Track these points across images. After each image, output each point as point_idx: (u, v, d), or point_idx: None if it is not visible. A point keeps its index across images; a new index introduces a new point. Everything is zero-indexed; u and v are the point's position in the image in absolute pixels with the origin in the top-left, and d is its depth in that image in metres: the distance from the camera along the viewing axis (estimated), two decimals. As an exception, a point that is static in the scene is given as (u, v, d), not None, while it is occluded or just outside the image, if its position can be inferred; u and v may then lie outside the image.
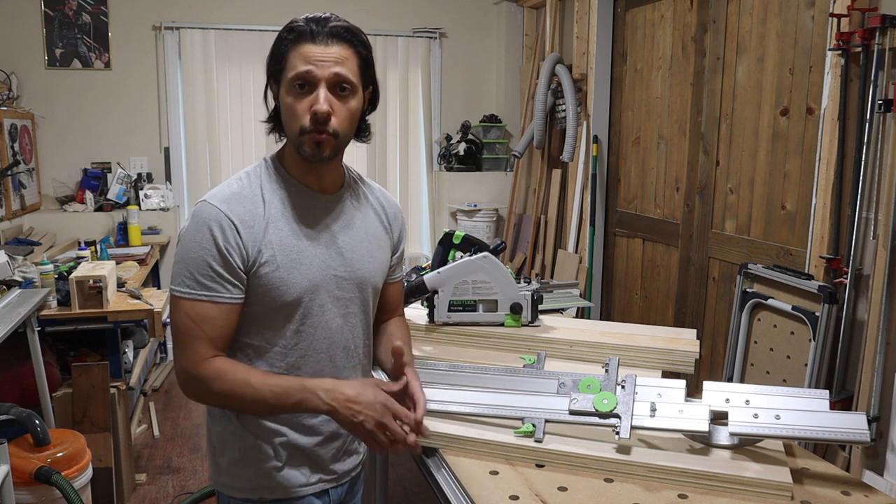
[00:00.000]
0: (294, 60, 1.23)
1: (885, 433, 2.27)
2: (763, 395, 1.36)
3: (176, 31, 4.71)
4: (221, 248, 1.23)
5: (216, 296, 1.24)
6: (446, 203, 5.16)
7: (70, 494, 2.27)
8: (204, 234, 1.24)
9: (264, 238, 1.26)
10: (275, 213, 1.28)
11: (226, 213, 1.25)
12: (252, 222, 1.26)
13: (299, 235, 1.30)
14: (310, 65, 1.22)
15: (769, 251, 2.94)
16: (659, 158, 3.74)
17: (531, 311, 1.98)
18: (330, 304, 1.34)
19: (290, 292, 1.28)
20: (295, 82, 1.23)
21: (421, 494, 3.11)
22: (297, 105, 1.24)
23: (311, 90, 1.23)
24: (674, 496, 1.24)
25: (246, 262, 1.25)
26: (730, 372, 2.93)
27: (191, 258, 1.24)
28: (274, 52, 1.28)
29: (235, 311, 1.27)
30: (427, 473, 1.42)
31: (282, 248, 1.27)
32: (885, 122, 2.31)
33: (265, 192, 1.30)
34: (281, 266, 1.27)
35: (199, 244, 1.24)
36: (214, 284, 1.24)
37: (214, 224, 1.24)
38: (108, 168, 4.70)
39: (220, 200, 1.26)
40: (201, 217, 1.25)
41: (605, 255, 4.28)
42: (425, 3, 5.18)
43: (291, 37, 1.24)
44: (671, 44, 3.61)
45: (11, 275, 2.92)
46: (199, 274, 1.24)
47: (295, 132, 1.26)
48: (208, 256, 1.23)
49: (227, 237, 1.23)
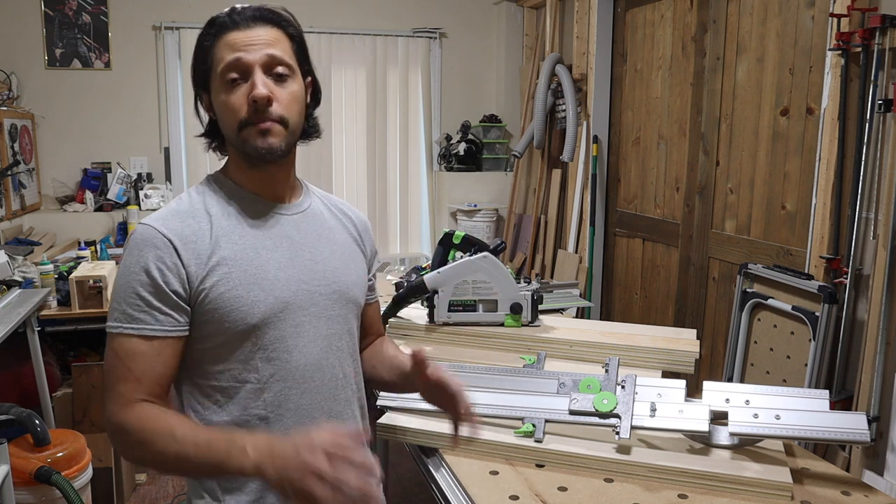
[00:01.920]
0: (220, 53, 1.11)
1: (885, 433, 2.27)
2: (763, 395, 1.36)
3: (176, 31, 4.71)
4: (153, 272, 1.07)
5: (145, 328, 1.07)
6: (446, 203, 5.16)
7: (70, 494, 2.27)
8: (133, 258, 1.08)
9: (214, 255, 1.10)
10: (225, 227, 1.12)
11: (160, 230, 1.09)
12: (194, 238, 1.10)
13: (257, 249, 1.13)
14: (238, 52, 1.10)
15: (769, 251, 2.94)
16: (659, 158, 3.74)
17: (531, 311, 1.98)
18: (307, 325, 1.16)
19: (252, 313, 1.10)
20: (226, 75, 1.10)
21: (421, 494, 3.11)
22: (232, 98, 1.10)
23: (244, 80, 1.10)
24: (674, 496, 1.24)
25: (187, 286, 1.08)
26: (730, 372, 2.92)
27: (119, 288, 1.09)
28: (197, 55, 1.15)
29: (171, 347, 1.09)
30: (427, 473, 1.42)
31: (237, 264, 1.10)
32: (885, 122, 2.31)
33: (210, 207, 1.14)
34: (238, 283, 1.10)
35: (128, 270, 1.09)
36: (143, 315, 1.07)
37: (147, 245, 1.08)
38: (108, 168, 4.70)
39: (154, 219, 1.11)
40: (133, 240, 1.10)
41: (605, 255, 4.28)
42: (425, 3, 5.18)
43: (213, 31, 1.13)
44: (671, 44, 3.61)
45: (11, 275, 2.92)
46: (127, 304, 1.08)
47: (235, 129, 1.11)
48: (136, 283, 1.07)
49: (162, 257, 1.07)
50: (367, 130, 5.16)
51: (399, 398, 1.54)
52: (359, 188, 5.23)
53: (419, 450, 1.48)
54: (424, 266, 2.67)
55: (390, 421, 1.49)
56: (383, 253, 5.29)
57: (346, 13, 4.97)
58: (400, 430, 1.47)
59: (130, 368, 1.06)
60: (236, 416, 1.12)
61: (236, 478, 1.11)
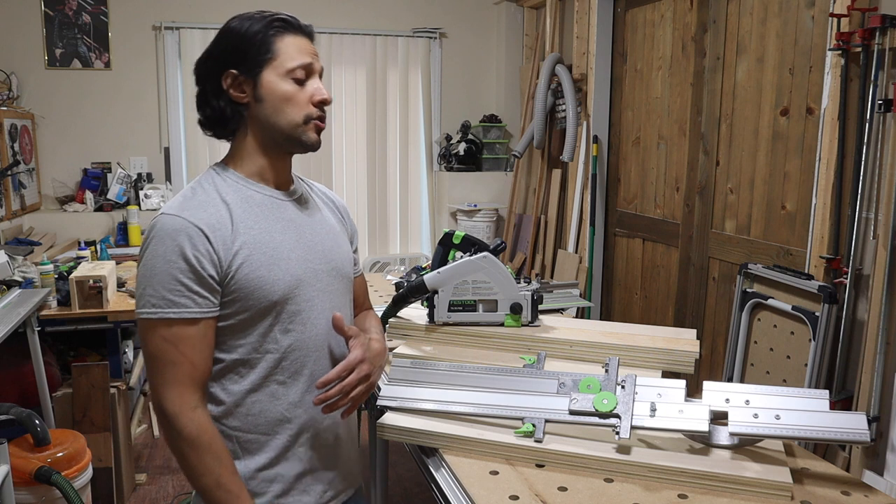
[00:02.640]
0: (291, 49, 1.22)
1: (885, 433, 2.27)
2: (763, 395, 1.36)
3: (176, 31, 4.71)
4: (191, 259, 1.15)
5: (188, 311, 1.16)
6: (446, 203, 5.16)
7: (70, 494, 2.27)
8: (169, 246, 1.16)
9: (236, 240, 1.20)
10: (241, 214, 1.22)
11: (189, 220, 1.17)
12: (219, 225, 1.19)
13: (271, 232, 1.24)
14: (308, 57, 1.24)
15: (769, 251, 2.94)
16: (659, 158, 3.74)
17: (531, 311, 1.98)
18: (317, 299, 1.28)
19: (274, 290, 1.21)
20: (295, 72, 1.22)
21: (421, 494, 3.11)
22: (300, 94, 1.23)
23: (308, 79, 1.24)
24: (674, 496, 1.24)
25: (219, 270, 1.18)
26: (730, 372, 2.93)
27: (157, 275, 1.16)
28: (250, 40, 1.21)
29: (211, 327, 1.20)
30: (427, 473, 1.42)
31: (257, 247, 1.21)
32: (885, 122, 2.31)
33: (225, 196, 1.23)
34: (260, 265, 1.20)
35: (164, 259, 1.16)
36: (184, 300, 1.16)
37: (181, 234, 1.16)
38: (108, 168, 4.70)
39: (180, 210, 1.19)
40: (163, 230, 1.17)
41: (605, 255, 4.28)
42: (425, 3, 5.18)
43: (279, 25, 1.22)
44: (671, 44, 3.61)
45: (11, 275, 2.92)
46: (167, 290, 1.15)
47: (297, 121, 1.24)
48: (175, 270, 1.15)
49: (197, 246, 1.16)
50: (367, 130, 5.16)
51: (399, 398, 1.54)
52: (359, 188, 5.23)
53: (419, 450, 1.48)
54: (424, 266, 2.67)
55: (390, 421, 1.49)
56: (383, 253, 5.29)
57: (346, 13, 4.98)
58: (400, 430, 1.47)
59: (184, 353, 1.16)
60: (257, 384, 1.24)
61: (257, 438, 1.25)
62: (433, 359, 1.79)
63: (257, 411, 1.24)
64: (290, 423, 1.27)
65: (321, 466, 1.32)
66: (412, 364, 1.62)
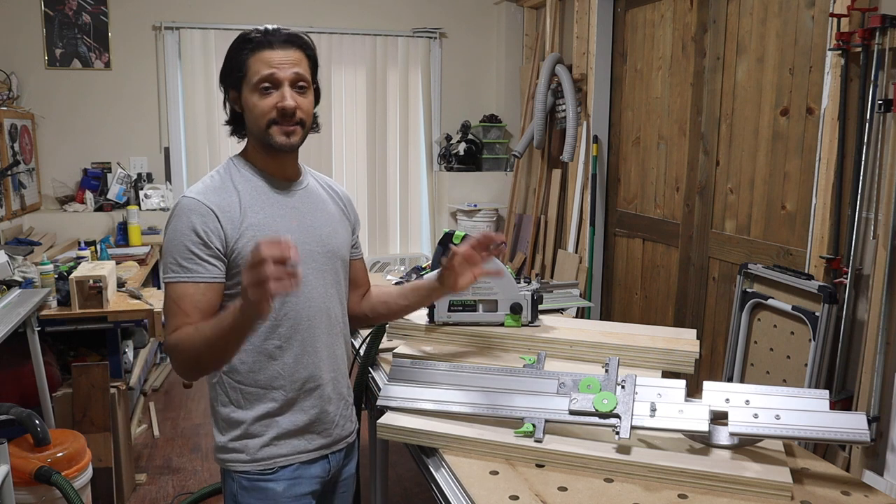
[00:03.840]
0: (256, 66, 1.40)
1: (885, 433, 2.27)
2: (763, 395, 1.36)
3: (176, 31, 4.71)
4: (199, 231, 1.37)
5: (196, 276, 1.37)
6: (446, 203, 5.16)
7: (70, 494, 2.27)
8: (183, 222, 1.38)
9: (244, 222, 1.40)
10: (250, 200, 1.43)
11: (203, 202, 1.39)
12: (229, 209, 1.40)
13: (275, 217, 1.44)
14: (272, 68, 1.40)
15: (769, 251, 2.94)
16: (659, 158, 3.74)
17: (531, 311, 1.98)
18: (311, 277, 1.46)
19: None
20: (260, 85, 1.40)
21: (421, 494, 3.11)
22: (263, 103, 1.40)
23: (275, 89, 1.40)
24: (674, 496, 1.24)
25: (226, 245, 1.39)
26: (730, 372, 2.92)
27: (174, 246, 1.38)
28: (232, 61, 1.44)
29: (214, 290, 1.39)
30: (427, 473, 1.42)
31: (262, 229, 1.41)
32: (885, 122, 2.31)
33: (237, 184, 1.44)
34: None
35: (180, 232, 1.38)
36: (194, 266, 1.37)
37: (193, 213, 1.38)
38: (108, 168, 4.70)
39: (196, 193, 1.42)
40: (181, 209, 1.40)
41: (605, 255, 4.28)
42: (425, 3, 5.18)
43: (250, 46, 1.41)
44: (671, 44, 3.61)
45: (11, 275, 2.92)
46: (181, 258, 1.37)
47: (262, 126, 1.42)
48: (187, 241, 1.37)
49: (207, 222, 1.37)
50: (367, 130, 5.16)
51: (399, 398, 1.54)
52: (359, 188, 5.23)
53: (419, 450, 1.48)
54: (424, 266, 2.67)
55: (390, 421, 1.49)
56: (383, 253, 5.30)
57: (346, 13, 4.97)
58: (400, 430, 1.47)
59: (181, 306, 1.37)
60: (257, 346, 1.44)
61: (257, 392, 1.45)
62: (433, 359, 1.79)
63: (257, 368, 1.45)
64: (285, 379, 1.46)
65: (315, 419, 1.50)
66: (412, 364, 1.63)
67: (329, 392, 1.52)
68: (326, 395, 1.52)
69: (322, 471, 1.53)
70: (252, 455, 1.45)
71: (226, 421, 1.47)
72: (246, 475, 1.46)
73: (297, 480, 1.49)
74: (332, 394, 1.53)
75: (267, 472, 1.46)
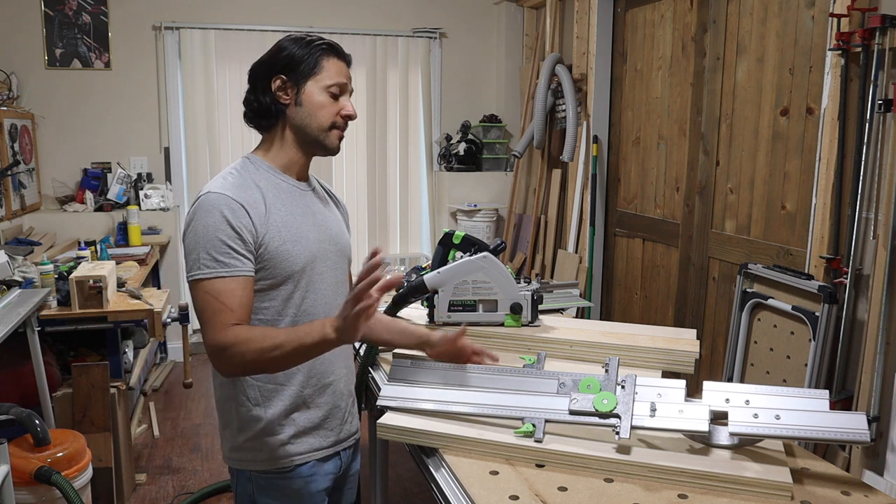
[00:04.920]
0: (332, 70, 1.46)
1: (885, 433, 2.27)
2: (763, 395, 1.36)
3: (176, 31, 4.70)
4: (234, 225, 1.36)
5: (235, 271, 1.36)
6: (446, 203, 5.16)
7: (70, 494, 2.27)
8: (215, 216, 1.36)
9: (269, 219, 1.42)
10: (271, 199, 1.45)
11: (233, 197, 1.39)
12: (256, 205, 1.41)
13: (295, 215, 1.47)
14: (345, 78, 1.49)
15: (769, 251, 2.94)
16: (659, 158, 3.74)
17: (531, 311, 1.98)
18: (326, 273, 1.51)
19: (297, 262, 1.44)
20: (331, 88, 1.46)
21: (421, 494, 3.11)
22: (333, 105, 1.47)
23: (340, 96, 1.48)
24: (674, 496, 1.24)
25: (255, 241, 1.40)
26: (730, 372, 2.92)
27: (206, 240, 1.36)
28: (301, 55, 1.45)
29: (251, 284, 1.40)
30: (427, 473, 1.42)
31: (284, 226, 1.44)
32: (885, 122, 2.31)
33: (258, 182, 1.45)
34: (287, 240, 1.43)
35: (212, 226, 1.36)
36: (232, 260, 1.36)
37: (225, 207, 1.37)
38: (108, 168, 4.69)
39: (223, 188, 1.40)
40: (210, 204, 1.38)
41: (605, 255, 4.28)
42: (425, 3, 5.18)
43: (325, 47, 1.47)
44: (671, 44, 3.61)
45: (11, 275, 2.92)
46: (217, 252, 1.35)
47: (324, 126, 1.47)
48: (223, 235, 1.36)
49: (238, 217, 1.37)
50: (367, 130, 5.16)
51: (399, 398, 1.54)
52: (359, 188, 5.23)
53: (419, 450, 1.48)
54: (424, 266, 2.66)
55: (390, 421, 1.49)
56: (383, 253, 5.28)
57: (346, 13, 4.97)
58: (400, 430, 1.47)
59: (225, 303, 1.35)
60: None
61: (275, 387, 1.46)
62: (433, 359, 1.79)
63: None
64: (304, 375, 1.48)
65: (328, 415, 1.53)
66: (412, 364, 1.63)
67: (342, 388, 1.56)
68: (339, 391, 1.55)
69: (335, 467, 1.56)
70: (270, 454, 1.46)
71: (243, 420, 1.47)
72: (263, 474, 1.47)
73: (313, 477, 1.51)
74: (344, 389, 1.58)
75: (284, 470, 1.47)
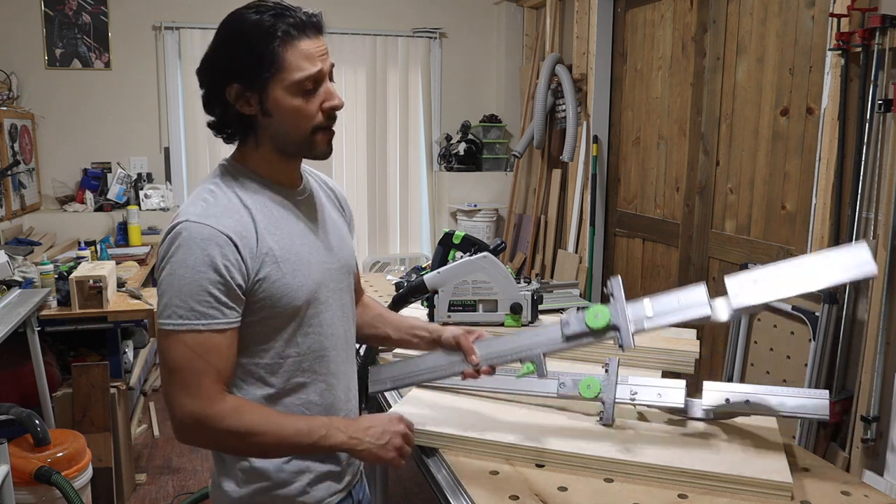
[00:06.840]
0: (297, 59, 1.14)
1: (885, 433, 2.27)
2: (763, 394, 1.36)
3: (176, 31, 4.70)
4: (221, 269, 1.11)
5: (216, 323, 1.13)
6: (446, 203, 5.16)
7: (70, 494, 2.27)
8: (197, 256, 1.11)
9: (261, 247, 1.16)
10: (263, 220, 1.18)
11: (219, 229, 1.12)
12: (246, 233, 1.15)
13: (291, 237, 1.21)
14: (316, 63, 1.15)
15: (769, 251, 2.94)
16: (659, 158, 3.74)
17: (531, 311, 1.98)
18: (331, 299, 1.28)
19: (298, 296, 1.20)
20: (304, 84, 1.15)
21: (421, 494, 3.11)
22: (309, 106, 1.17)
23: (317, 87, 1.17)
24: (674, 496, 1.24)
25: (247, 279, 1.15)
26: (730, 372, 2.92)
27: (185, 285, 1.11)
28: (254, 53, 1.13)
29: (236, 336, 1.17)
30: (427, 473, 1.42)
31: (281, 254, 1.18)
32: (885, 122, 2.31)
33: (245, 200, 1.19)
34: (287, 272, 1.18)
35: (193, 269, 1.11)
36: (212, 311, 1.12)
37: (209, 243, 1.11)
38: (108, 168, 4.69)
39: (205, 216, 1.13)
40: (191, 240, 1.12)
41: (605, 255, 4.28)
42: (425, 3, 5.18)
43: (280, 34, 1.13)
44: (671, 44, 3.61)
45: (11, 275, 2.92)
46: (196, 301, 1.11)
47: (306, 132, 1.18)
48: (205, 281, 1.11)
49: (227, 255, 1.12)
50: (367, 130, 5.16)
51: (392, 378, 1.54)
52: (359, 188, 5.23)
53: (419, 450, 1.48)
54: (424, 266, 2.67)
55: (390, 421, 1.49)
56: (383, 253, 5.29)
57: (346, 13, 4.97)
58: (400, 430, 1.47)
59: (210, 362, 1.13)
60: (279, 388, 1.23)
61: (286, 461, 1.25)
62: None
63: (281, 409, 1.23)
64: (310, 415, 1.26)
65: (342, 455, 1.31)
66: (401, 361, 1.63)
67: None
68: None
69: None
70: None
71: (246, 472, 1.23)
72: None
73: None
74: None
75: None
